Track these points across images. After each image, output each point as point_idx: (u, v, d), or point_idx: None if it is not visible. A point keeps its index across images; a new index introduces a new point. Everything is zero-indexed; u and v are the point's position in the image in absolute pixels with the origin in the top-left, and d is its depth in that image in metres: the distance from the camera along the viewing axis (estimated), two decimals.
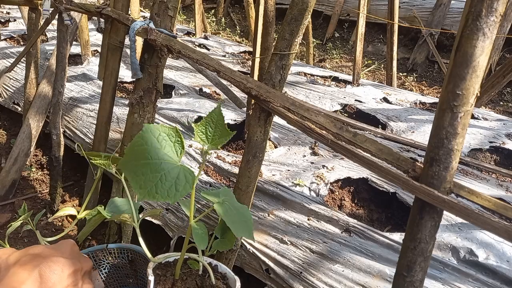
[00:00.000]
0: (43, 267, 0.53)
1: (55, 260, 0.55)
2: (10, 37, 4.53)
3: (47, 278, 0.52)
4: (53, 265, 0.54)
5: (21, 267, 0.52)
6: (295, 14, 1.06)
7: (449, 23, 5.41)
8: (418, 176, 0.84)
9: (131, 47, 1.47)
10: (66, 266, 0.56)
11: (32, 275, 0.51)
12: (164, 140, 0.74)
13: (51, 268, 0.54)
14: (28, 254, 0.55)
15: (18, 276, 0.50)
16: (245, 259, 1.75)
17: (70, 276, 0.56)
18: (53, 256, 0.56)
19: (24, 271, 0.51)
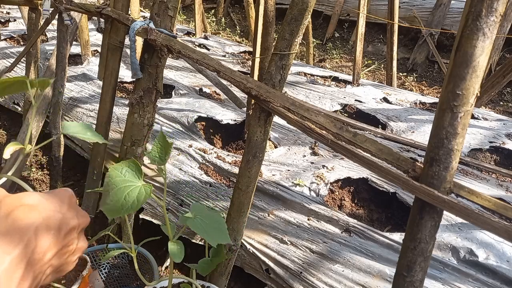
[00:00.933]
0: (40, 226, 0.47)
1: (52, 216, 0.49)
2: (10, 37, 4.53)
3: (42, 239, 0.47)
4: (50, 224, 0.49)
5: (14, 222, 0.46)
6: (295, 14, 1.06)
7: (449, 23, 5.41)
8: (418, 176, 0.84)
9: (131, 47, 1.47)
10: (64, 225, 0.50)
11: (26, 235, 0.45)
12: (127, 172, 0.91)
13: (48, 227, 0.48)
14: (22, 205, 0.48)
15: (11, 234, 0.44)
16: (245, 259, 1.75)
17: (67, 236, 0.51)
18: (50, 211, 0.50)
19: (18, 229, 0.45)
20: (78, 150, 2.69)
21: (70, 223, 0.51)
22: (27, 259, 0.44)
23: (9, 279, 0.42)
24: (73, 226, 0.52)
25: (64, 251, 0.51)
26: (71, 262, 0.54)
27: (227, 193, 1.99)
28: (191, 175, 2.13)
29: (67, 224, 0.51)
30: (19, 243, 0.44)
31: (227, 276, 1.44)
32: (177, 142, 2.41)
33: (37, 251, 0.46)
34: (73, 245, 0.52)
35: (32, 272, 0.45)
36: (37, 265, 0.46)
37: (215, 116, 2.69)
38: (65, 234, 0.50)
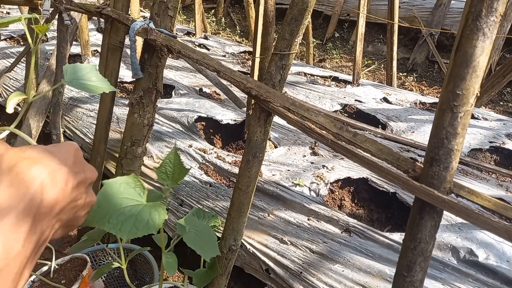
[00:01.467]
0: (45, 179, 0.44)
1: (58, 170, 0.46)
2: (10, 37, 4.53)
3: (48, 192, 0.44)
4: (57, 177, 0.46)
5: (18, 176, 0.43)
6: (295, 14, 1.06)
7: (449, 23, 5.41)
8: (418, 176, 0.84)
9: (131, 47, 1.47)
10: (71, 178, 0.47)
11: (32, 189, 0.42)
12: (126, 188, 0.82)
13: (54, 181, 0.45)
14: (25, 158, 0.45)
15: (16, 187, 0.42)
16: (245, 259, 1.75)
17: (74, 190, 0.48)
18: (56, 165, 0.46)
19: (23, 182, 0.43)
20: None
21: (77, 177, 0.48)
22: (34, 213, 0.42)
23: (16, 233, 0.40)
24: (80, 180, 0.49)
25: (72, 205, 0.49)
26: (80, 217, 0.52)
27: (227, 193, 1.99)
28: (191, 175, 2.13)
29: (74, 178, 0.48)
30: (25, 197, 0.42)
31: (227, 276, 1.44)
32: (177, 142, 2.41)
33: (44, 205, 0.43)
34: (81, 199, 0.50)
35: (40, 227, 0.43)
36: (44, 219, 0.44)
37: (215, 116, 2.69)
38: (72, 188, 0.47)
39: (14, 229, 0.40)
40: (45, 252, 2.24)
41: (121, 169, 1.71)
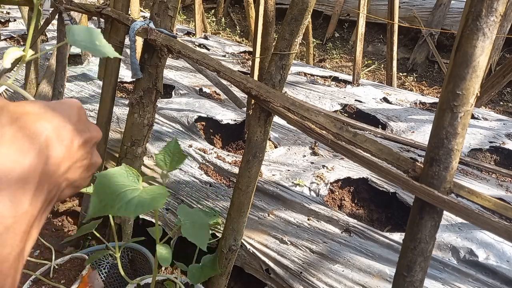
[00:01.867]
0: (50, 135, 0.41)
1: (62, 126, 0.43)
2: (10, 37, 4.53)
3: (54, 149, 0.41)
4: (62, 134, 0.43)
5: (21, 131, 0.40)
6: (295, 14, 1.06)
7: (449, 23, 5.41)
8: (418, 176, 0.84)
9: (131, 47, 1.47)
10: (76, 136, 0.44)
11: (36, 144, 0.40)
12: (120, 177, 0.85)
13: (59, 138, 0.42)
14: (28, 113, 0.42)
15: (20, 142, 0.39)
16: (245, 259, 1.75)
17: (80, 148, 0.45)
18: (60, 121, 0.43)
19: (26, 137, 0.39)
20: None
21: (83, 135, 0.46)
22: (40, 171, 0.40)
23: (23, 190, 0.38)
24: (86, 139, 0.46)
25: (78, 165, 0.46)
26: (87, 178, 0.50)
27: (227, 193, 1.99)
28: (191, 175, 2.13)
29: (79, 135, 0.45)
30: (29, 152, 0.39)
31: (227, 276, 1.44)
32: None
33: (50, 163, 0.41)
34: (87, 159, 0.48)
35: (47, 185, 0.41)
36: (51, 177, 0.41)
37: (215, 116, 2.69)
38: (78, 147, 0.45)
39: (21, 186, 0.38)
40: (45, 252, 2.24)
41: None
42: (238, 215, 1.31)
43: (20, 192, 0.37)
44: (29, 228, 0.39)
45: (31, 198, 0.38)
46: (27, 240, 0.39)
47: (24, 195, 0.38)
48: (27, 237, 0.39)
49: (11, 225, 0.36)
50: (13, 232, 0.36)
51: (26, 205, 0.38)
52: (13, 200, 0.37)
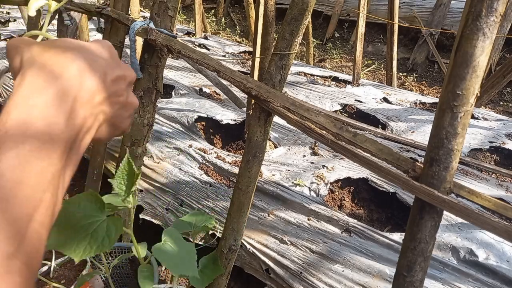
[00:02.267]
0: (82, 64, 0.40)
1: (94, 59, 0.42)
2: (10, 37, 4.53)
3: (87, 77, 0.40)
4: (94, 65, 0.41)
5: (53, 57, 0.39)
6: (295, 14, 1.06)
7: (449, 23, 5.41)
8: (418, 176, 0.84)
9: (131, 47, 1.47)
10: (109, 70, 0.43)
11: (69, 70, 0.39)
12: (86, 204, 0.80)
13: (91, 68, 0.41)
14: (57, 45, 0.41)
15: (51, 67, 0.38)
16: (245, 259, 1.75)
17: (114, 83, 0.44)
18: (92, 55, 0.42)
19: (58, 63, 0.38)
20: None
21: (116, 71, 0.45)
22: (75, 93, 0.38)
23: (57, 110, 0.37)
24: (119, 74, 0.45)
25: (114, 100, 0.45)
26: (125, 118, 0.48)
27: (227, 193, 1.99)
28: (191, 175, 2.13)
29: (112, 70, 0.44)
30: (62, 75, 0.38)
31: (227, 276, 1.44)
32: (177, 142, 2.41)
33: (84, 89, 0.40)
34: (123, 96, 0.46)
35: (82, 111, 0.39)
36: (87, 103, 0.40)
37: (215, 116, 2.69)
38: (112, 81, 0.44)
39: (54, 105, 0.37)
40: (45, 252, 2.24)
41: None
42: (238, 215, 1.31)
43: (53, 111, 0.37)
44: (67, 149, 0.38)
45: (66, 120, 0.37)
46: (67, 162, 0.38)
47: (58, 116, 0.37)
48: (66, 159, 0.38)
49: (47, 140, 0.35)
50: (49, 149, 0.36)
51: (61, 125, 0.37)
52: (46, 118, 0.36)
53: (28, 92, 0.36)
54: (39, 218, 0.34)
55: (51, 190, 0.35)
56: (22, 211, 0.32)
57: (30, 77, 0.37)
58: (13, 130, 0.34)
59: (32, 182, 0.33)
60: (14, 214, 0.32)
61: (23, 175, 0.33)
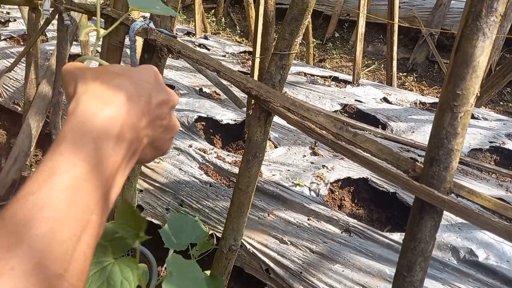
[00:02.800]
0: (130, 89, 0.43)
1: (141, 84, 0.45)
2: (10, 37, 4.53)
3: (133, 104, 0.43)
4: (140, 91, 0.44)
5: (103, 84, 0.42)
6: (295, 14, 1.06)
7: (449, 23, 5.41)
8: (418, 176, 0.84)
9: (131, 47, 1.47)
10: (154, 94, 0.46)
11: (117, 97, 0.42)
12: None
13: (138, 93, 0.44)
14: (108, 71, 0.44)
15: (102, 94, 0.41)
16: (245, 259, 1.75)
17: (158, 107, 0.46)
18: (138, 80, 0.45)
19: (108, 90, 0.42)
20: None
21: (160, 95, 0.47)
22: (122, 119, 0.41)
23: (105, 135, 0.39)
24: (163, 99, 0.47)
25: (158, 123, 0.47)
26: (166, 140, 0.50)
27: (227, 193, 1.99)
28: (191, 175, 2.13)
29: (157, 95, 0.46)
30: (111, 103, 0.41)
31: (227, 276, 1.44)
32: (177, 142, 2.41)
33: (130, 114, 0.42)
34: (166, 119, 0.48)
35: (128, 134, 0.42)
36: (132, 129, 0.42)
37: (215, 116, 2.69)
38: (156, 105, 0.46)
39: (103, 131, 0.39)
40: None
41: None
42: (238, 215, 1.31)
43: (103, 137, 0.39)
44: (114, 172, 0.40)
45: (114, 144, 0.40)
46: (112, 185, 0.40)
47: (107, 141, 0.39)
48: (112, 181, 0.40)
49: (96, 165, 0.37)
50: (98, 172, 0.38)
51: (109, 149, 0.39)
52: (97, 142, 0.38)
53: (81, 118, 0.39)
54: (86, 239, 0.35)
55: (98, 212, 0.37)
56: (71, 232, 0.33)
57: (83, 105, 0.40)
58: (67, 153, 0.37)
59: (81, 204, 0.35)
60: (64, 235, 0.33)
61: (74, 197, 0.35)
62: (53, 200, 0.33)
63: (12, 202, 0.33)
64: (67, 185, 0.34)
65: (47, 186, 0.34)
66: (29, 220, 0.31)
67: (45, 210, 0.32)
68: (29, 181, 0.35)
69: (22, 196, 0.33)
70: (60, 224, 0.33)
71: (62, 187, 0.34)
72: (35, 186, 0.34)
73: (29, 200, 0.33)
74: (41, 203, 0.33)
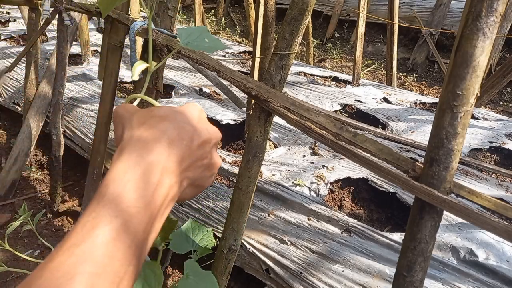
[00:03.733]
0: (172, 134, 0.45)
1: (183, 127, 0.47)
2: (10, 37, 4.53)
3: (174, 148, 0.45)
4: (182, 133, 0.47)
5: (147, 130, 0.45)
6: (295, 14, 1.06)
7: (449, 23, 5.40)
8: (418, 176, 0.84)
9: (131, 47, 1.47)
10: (196, 136, 0.48)
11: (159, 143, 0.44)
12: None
13: (180, 136, 0.46)
14: (153, 116, 0.47)
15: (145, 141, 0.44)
16: (245, 259, 1.75)
17: (200, 147, 0.48)
18: (181, 122, 0.48)
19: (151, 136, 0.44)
20: (78, 150, 2.69)
21: (202, 135, 0.49)
22: (162, 165, 0.43)
23: (146, 183, 0.41)
24: (205, 139, 0.49)
25: (198, 164, 0.49)
26: (207, 177, 0.52)
27: (227, 193, 1.99)
28: None
29: (199, 136, 0.48)
30: (152, 150, 0.43)
31: (227, 276, 1.44)
32: None
33: (171, 159, 0.44)
34: (207, 159, 0.50)
35: (168, 180, 0.44)
36: (173, 173, 0.44)
37: (215, 116, 2.69)
38: (198, 146, 0.48)
39: (144, 179, 0.41)
40: (45, 252, 2.24)
41: None
42: (238, 215, 1.31)
43: (143, 185, 0.41)
44: (152, 220, 0.41)
45: (153, 191, 0.41)
46: (150, 232, 0.41)
47: (147, 189, 0.41)
48: (150, 228, 0.41)
49: (135, 214, 0.39)
50: (136, 221, 0.39)
51: (148, 197, 0.41)
52: (137, 190, 0.40)
53: (123, 168, 0.41)
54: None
55: (135, 262, 0.38)
56: (108, 285, 0.35)
57: (126, 154, 0.43)
58: (109, 204, 0.38)
59: (120, 256, 0.37)
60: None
61: (114, 250, 0.36)
62: (95, 254, 0.35)
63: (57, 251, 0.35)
64: (108, 239, 0.36)
65: (90, 239, 0.36)
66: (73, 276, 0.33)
67: (87, 264, 0.34)
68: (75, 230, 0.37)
69: (67, 248, 0.35)
70: (100, 279, 0.34)
71: (104, 241, 0.36)
72: (79, 238, 0.36)
73: (73, 253, 0.35)
74: (84, 257, 0.35)
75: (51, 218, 2.47)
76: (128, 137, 0.45)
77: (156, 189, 0.42)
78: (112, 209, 0.38)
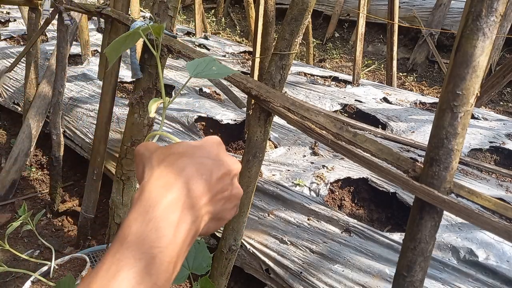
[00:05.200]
0: (191, 171, 0.46)
1: (202, 162, 0.48)
2: (10, 37, 4.53)
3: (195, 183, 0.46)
4: (201, 169, 0.47)
5: (166, 168, 0.46)
6: (295, 14, 1.06)
7: (449, 23, 5.41)
8: (418, 176, 0.84)
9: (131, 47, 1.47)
10: (215, 169, 0.49)
11: (179, 180, 0.45)
12: None
13: (199, 172, 0.47)
14: (172, 153, 0.48)
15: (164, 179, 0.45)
16: (245, 259, 1.75)
17: (220, 181, 0.49)
18: (200, 157, 0.49)
19: (170, 174, 0.45)
20: (78, 150, 2.69)
21: (221, 169, 0.50)
22: (182, 202, 0.44)
23: (166, 222, 0.42)
24: (224, 172, 0.50)
25: (218, 197, 0.49)
26: (229, 209, 0.52)
27: None
28: None
29: (218, 169, 0.49)
30: (172, 187, 0.44)
31: (227, 276, 1.44)
32: None
33: (191, 195, 0.45)
34: (227, 191, 0.51)
35: (189, 216, 0.44)
36: (193, 209, 0.45)
37: (215, 116, 2.69)
38: (217, 179, 0.49)
39: (164, 218, 0.42)
40: (45, 252, 2.24)
41: (121, 169, 1.71)
42: (238, 215, 1.31)
43: (164, 224, 0.42)
44: (174, 258, 0.42)
45: (174, 229, 0.42)
46: (173, 271, 0.42)
47: (168, 227, 0.42)
48: (172, 268, 0.42)
49: (156, 255, 0.40)
50: (158, 261, 0.40)
51: (170, 236, 0.42)
52: (158, 231, 0.41)
53: (144, 208, 0.42)
54: None
55: None
56: None
57: (147, 193, 0.43)
58: (132, 246, 0.39)
59: None
60: None
61: None
62: None
63: None
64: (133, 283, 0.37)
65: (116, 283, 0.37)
66: None
67: None
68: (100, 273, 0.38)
69: None
70: None
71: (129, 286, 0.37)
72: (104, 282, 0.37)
73: None
74: None
75: (51, 218, 2.47)
76: (149, 175, 0.46)
77: (177, 226, 0.42)
78: (135, 251, 0.39)
